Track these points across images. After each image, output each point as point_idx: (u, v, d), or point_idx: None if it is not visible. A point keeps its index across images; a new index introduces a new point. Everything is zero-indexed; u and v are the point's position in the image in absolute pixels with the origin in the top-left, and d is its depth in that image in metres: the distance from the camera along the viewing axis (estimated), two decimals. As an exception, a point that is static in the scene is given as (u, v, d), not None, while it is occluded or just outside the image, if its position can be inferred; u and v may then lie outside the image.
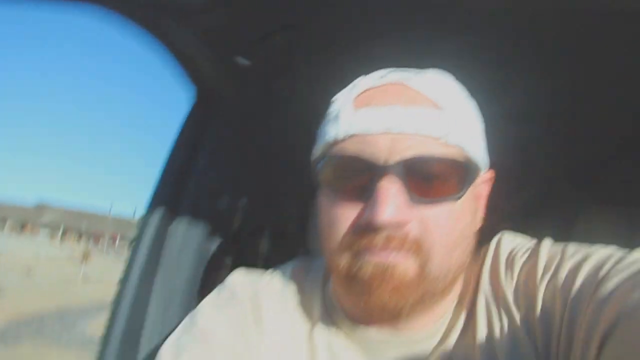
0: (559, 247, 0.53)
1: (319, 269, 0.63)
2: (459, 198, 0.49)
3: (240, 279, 0.62)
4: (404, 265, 0.47)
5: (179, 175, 0.88)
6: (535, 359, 0.47)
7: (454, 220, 0.49)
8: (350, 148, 0.49)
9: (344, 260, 0.50)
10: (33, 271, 19.22)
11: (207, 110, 0.88)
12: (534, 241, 0.56)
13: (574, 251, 0.50)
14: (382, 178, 0.46)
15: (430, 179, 0.48)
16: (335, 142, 0.50)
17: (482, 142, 0.54)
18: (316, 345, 0.55)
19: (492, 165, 0.56)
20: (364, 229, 0.48)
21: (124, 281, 0.84)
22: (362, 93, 0.51)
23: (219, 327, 0.55)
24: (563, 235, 0.61)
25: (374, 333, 0.54)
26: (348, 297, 0.55)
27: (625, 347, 0.38)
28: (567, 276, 0.48)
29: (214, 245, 0.92)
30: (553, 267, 0.50)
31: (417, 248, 0.47)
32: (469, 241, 0.52)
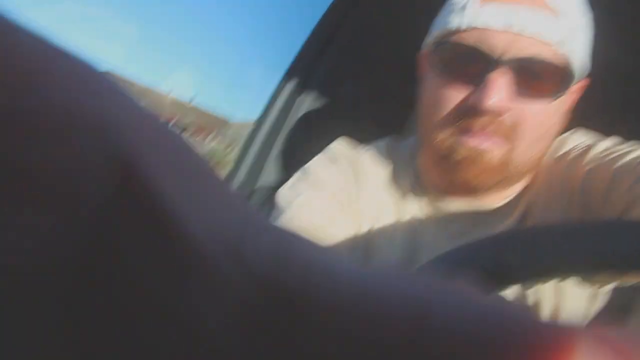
0: (620, 140, 0.57)
1: (408, 146, 0.72)
2: (555, 99, 0.54)
3: (342, 145, 0.71)
4: (493, 152, 0.54)
5: (314, 56, 1.03)
6: None
7: (545, 117, 0.54)
8: (470, 39, 0.53)
9: (440, 138, 0.56)
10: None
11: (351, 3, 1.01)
12: (601, 137, 0.59)
13: (632, 143, 0.54)
14: (494, 69, 0.51)
15: (535, 78, 0.52)
16: (457, 32, 0.54)
17: (587, 51, 0.57)
18: (404, 208, 0.65)
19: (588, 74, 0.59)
20: (467, 111, 0.53)
21: (256, 128, 1.03)
22: None
23: (328, 178, 0.65)
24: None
25: (451, 203, 0.63)
26: (435, 171, 0.62)
27: None
28: (613, 159, 0.52)
29: (327, 120, 1.09)
30: (604, 153, 0.54)
31: (508, 136, 0.53)
32: (551, 138, 0.59)
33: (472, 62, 0.53)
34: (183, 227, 0.09)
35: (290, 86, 1.03)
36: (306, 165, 0.69)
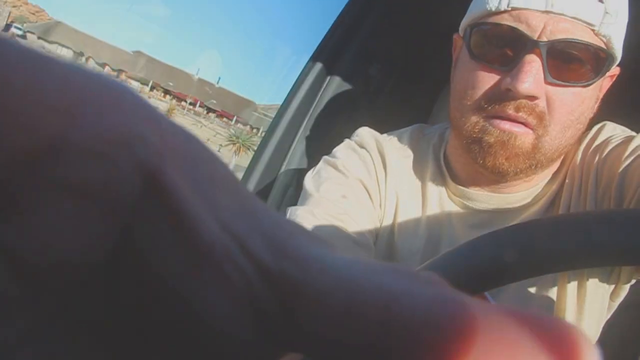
0: None
1: (433, 134, 0.71)
2: (589, 86, 0.53)
3: (367, 133, 0.71)
4: (524, 136, 0.54)
5: (343, 37, 1.02)
6: None
7: (577, 104, 0.54)
8: (508, 19, 0.52)
9: (473, 121, 0.56)
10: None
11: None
12: (632, 133, 0.59)
13: None
14: (530, 52, 0.51)
15: (571, 61, 0.52)
16: (495, 13, 0.53)
17: (622, 38, 0.56)
18: (428, 197, 0.65)
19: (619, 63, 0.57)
20: (500, 94, 0.53)
21: (282, 110, 1.04)
22: None
23: (352, 164, 0.66)
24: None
25: (476, 192, 0.63)
26: (464, 158, 0.63)
27: None
28: None
29: (354, 103, 1.08)
30: (638, 152, 0.53)
31: (539, 121, 0.53)
32: (581, 126, 0.58)
33: (508, 44, 0.53)
34: (199, 224, 0.10)
35: (317, 69, 1.03)
36: (332, 152, 0.70)
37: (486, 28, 0.55)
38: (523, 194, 0.63)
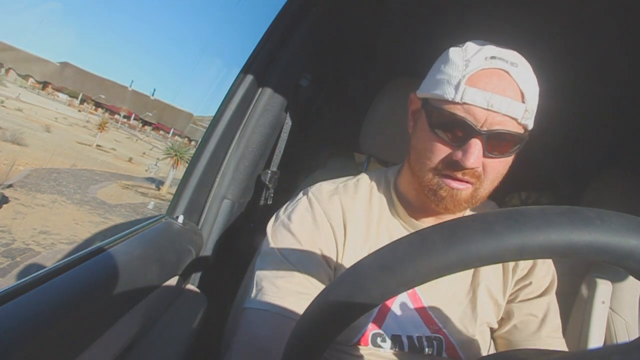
0: None
1: (380, 177, 0.88)
2: (510, 155, 0.74)
3: (324, 194, 0.84)
4: (466, 190, 0.73)
5: (273, 49, 1.04)
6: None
7: (502, 166, 0.74)
8: (460, 110, 0.69)
9: (430, 177, 0.74)
10: (52, 130, 19.76)
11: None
12: None
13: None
14: (474, 137, 0.69)
15: (500, 142, 0.71)
16: (450, 102, 0.70)
17: (533, 121, 0.74)
18: (384, 229, 0.82)
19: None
20: (452, 163, 0.71)
21: (212, 126, 1.04)
22: (476, 72, 0.70)
23: (302, 229, 0.80)
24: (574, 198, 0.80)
25: (425, 219, 0.82)
26: (416, 192, 0.80)
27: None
28: None
29: (286, 115, 1.10)
30: None
31: (477, 180, 0.73)
32: (502, 176, 0.77)
33: (459, 127, 0.70)
34: None
35: (248, 81, 1.04)
36: (288, 213, 0.83)
37: (444, 113, 0.71)
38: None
